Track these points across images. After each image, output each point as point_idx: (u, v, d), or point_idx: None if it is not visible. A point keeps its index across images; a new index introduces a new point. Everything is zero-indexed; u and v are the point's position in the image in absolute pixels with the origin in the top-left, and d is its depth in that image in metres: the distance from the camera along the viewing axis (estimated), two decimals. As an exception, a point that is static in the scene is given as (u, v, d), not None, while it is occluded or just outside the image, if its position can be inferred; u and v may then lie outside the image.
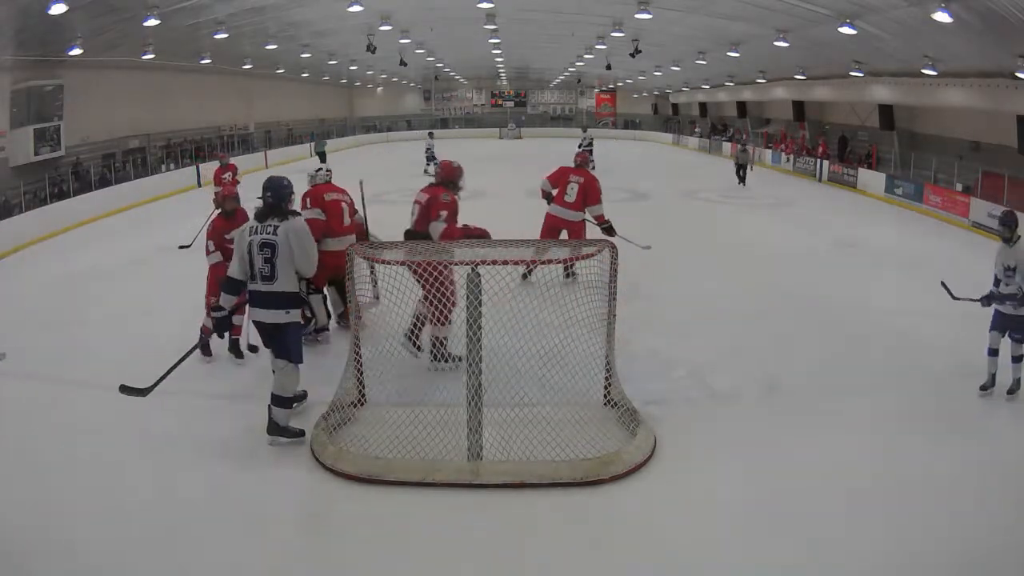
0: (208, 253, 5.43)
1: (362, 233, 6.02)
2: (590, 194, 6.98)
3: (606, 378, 4.38)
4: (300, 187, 5.00)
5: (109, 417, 4.48)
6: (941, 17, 9.92)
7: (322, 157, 20.37)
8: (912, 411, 4.56)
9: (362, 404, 4.37)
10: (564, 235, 7.00)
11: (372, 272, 4.91)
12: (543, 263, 4.56)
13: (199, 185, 17.82)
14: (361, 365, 4.36)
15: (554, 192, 7.14)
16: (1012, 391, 4.74)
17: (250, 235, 4.05)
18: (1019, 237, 4.86)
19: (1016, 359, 4.75)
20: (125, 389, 4.01)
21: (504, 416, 3.91)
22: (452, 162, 5.47)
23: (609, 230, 6.82)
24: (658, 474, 3.77)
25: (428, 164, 19.27)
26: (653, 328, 5.98)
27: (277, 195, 4.09)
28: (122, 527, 3.33)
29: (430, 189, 5.36)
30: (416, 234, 5.19)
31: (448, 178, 5.33)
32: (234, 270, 4.11)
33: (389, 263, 4.18)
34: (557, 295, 4.14)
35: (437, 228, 5.08)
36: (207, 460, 3.97)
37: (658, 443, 4.01)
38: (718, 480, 3.75)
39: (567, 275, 5.65)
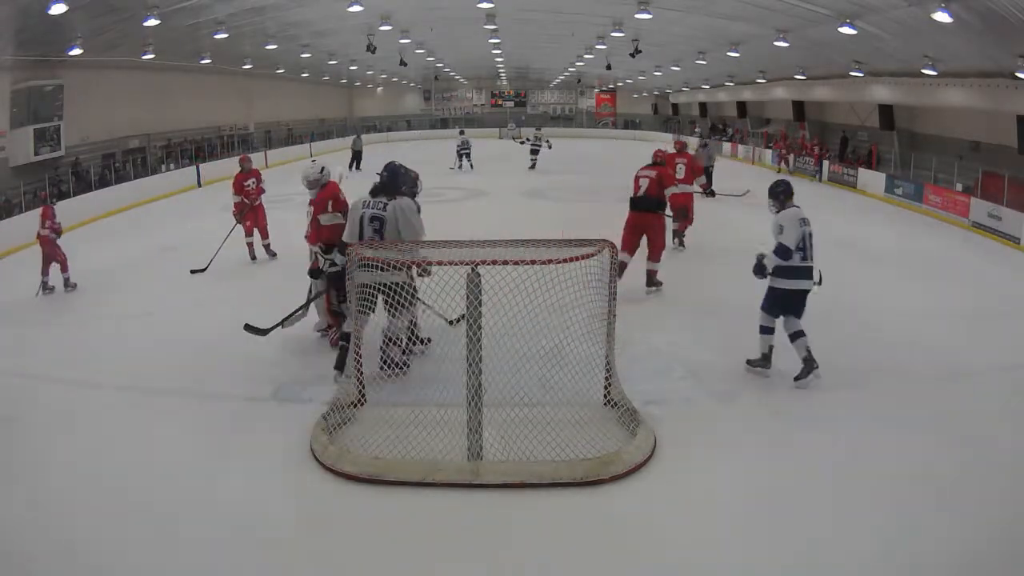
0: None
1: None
2: (665, 180, 7.05)
3: (606, 378, 4.38)
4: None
5: (109, 417, 4.48)
6: (941, 17, 9.92)
7: (358, 156, 20.11)
8: (911, 411, 4.56)
9: (362, 404, 4.37)
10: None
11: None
12: (544, 263, 4.56)
13: (199, 185, 17.83)
14: (361, 365, 4.37)
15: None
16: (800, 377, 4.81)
17: (362, 208, 4.85)
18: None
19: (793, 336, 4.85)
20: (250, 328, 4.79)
21: (504, 416, 3.92)
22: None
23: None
24: (658, 474, 3.77)
25: (460, 160, 19.50)
26: (653, 328, 5.98)
27: (392, 179, 4.87)
28: (122, 527, 3.33)
29: None
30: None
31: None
32: (346, 235, 4.88)
33: (388, 263, 4.18)
34: (557, 295, 4.14)
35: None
36: (207, 460, 3.97)
37: (658, 443, 4.01)
38: (718, 480, 3.75)
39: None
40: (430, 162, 19.88)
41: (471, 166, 19.15)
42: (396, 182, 4.94)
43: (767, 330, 5.06)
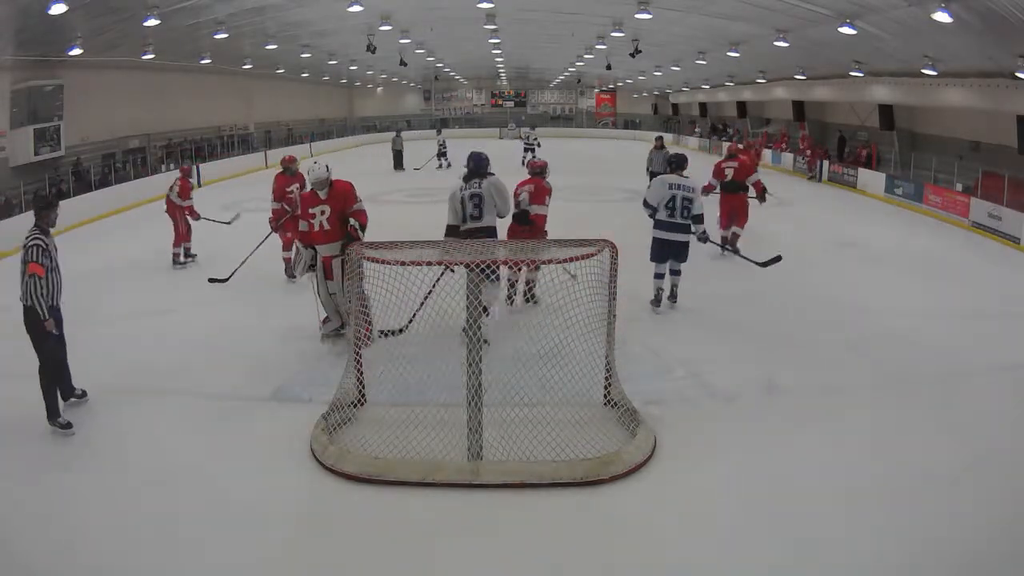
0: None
1: None
2: (745, 169, 8.67)
3: (606, 378, 4.38)
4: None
5: (109, 417, 4.49)
6: (941, 17, 9.92)
7: (399, 156, 20.09)
8: (911, 411, 4.57)
9: (362, 404, 4.38)
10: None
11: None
12: (543, 263, 4.56)
13: (199, 185, 17.82)
14: (361, 365, 4.37)
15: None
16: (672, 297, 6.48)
17: (460, 192, 5.65)
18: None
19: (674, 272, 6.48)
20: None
21: (504, 416, 3.92)
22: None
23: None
24: (658, 474, 3.78)
25: (441, 160, 19.94)
26: (653, 328, 5.98)
27: (478, 165, 5.73)
28: (122, 527, 3.33)
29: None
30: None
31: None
32: (449, 218, 5.66)
33: (389, 263, 4.18)
34: (557, 295, 4.14)
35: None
36: (207, 460, 3.97)
37: (658, 443, 4.01)
38: (718, 480, 3.75)
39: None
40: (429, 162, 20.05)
41: (448, 164, 19.75)
42: (482, 166, 5.76)
43: (657, 275, 6.48)
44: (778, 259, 6.49)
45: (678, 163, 6.54)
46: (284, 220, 7.67)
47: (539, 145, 20.62)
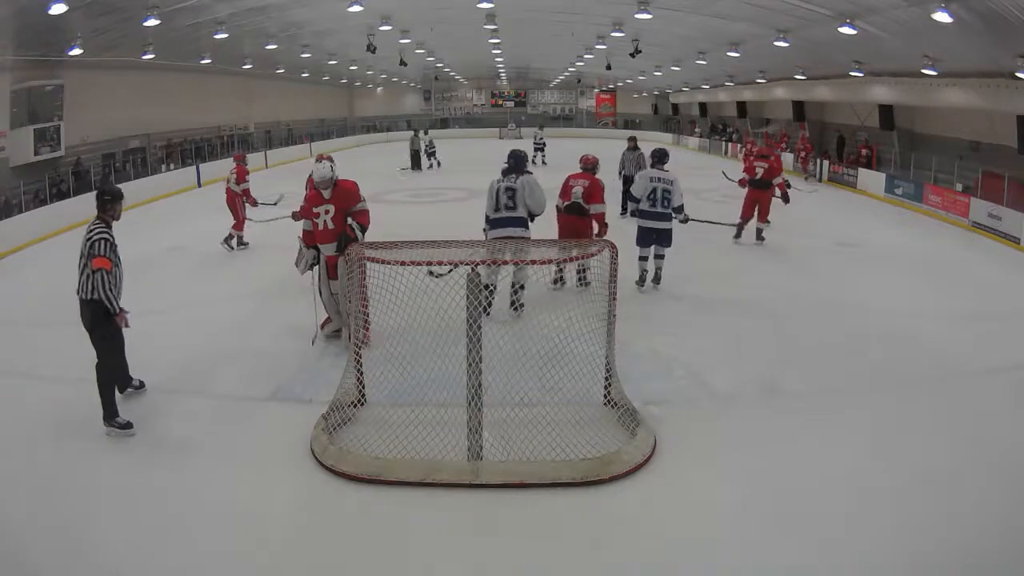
0: None
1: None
2: (773, 170, 9.53)
3: (606, 378, 4.37)
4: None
5: (109, 417, 4.47)
6: (941, 17, 9.92)
7: (416, 156, 19.89)
8: (911, 411, 4.56)
9: (362, 404, 4.38)
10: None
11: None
12: (544, 263, 4.56)
13: (199, 185, 17.83)
14: (361, 365, 4.37)
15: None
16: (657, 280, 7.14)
17: (497, 184, 6.21)
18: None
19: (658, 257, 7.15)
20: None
21: (504, 416, 3.92)
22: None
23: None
24: (658, 474, 3.77)
25: (430, 160, 20.03)
26: (653, 328, 5.98)
27: (517, 162, 6.30)
28: (122, 527, 3.33)
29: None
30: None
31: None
32: (487, 208, 6.26)
33: (389, 263, 4.18)
34: (557, 295, 4.14)
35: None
36: (207, 460, 3.97)
37: (658, 443, 4.01)
38: (718, 480, 3.74)
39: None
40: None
41: (431, 165, 19.93)
42: (521, 164, 6.33)
43: (641, 258, 7.13)
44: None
45: (659, 157, 7.26)
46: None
47: (545, 144, 21.08)
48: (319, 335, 5.71)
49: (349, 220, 5.44)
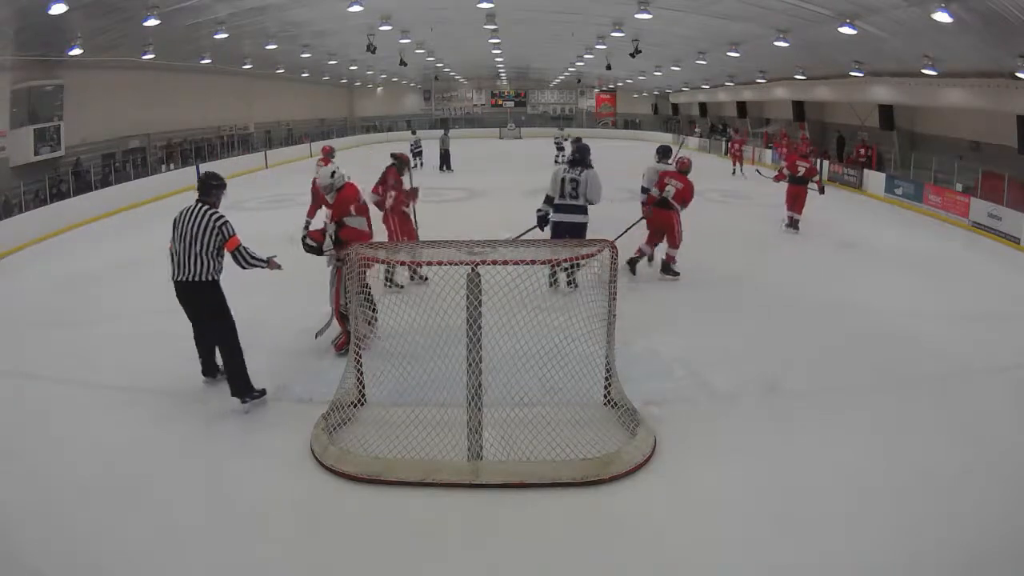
0: None
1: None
2: (810, 169, 10.75)
3: (606, 378, 4.37)
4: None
5: (110, 417, 4.48)
6: (941, 17, 9.92)
7: (447, 156, 19.50)
8: (912, 411, 4.56)
9: (362, 404, 4.37)
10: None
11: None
12: (544, 263, 4.56)
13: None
14: (361, 365, 4.37)
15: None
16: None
17: (563, 174, 6.87)
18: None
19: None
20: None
21: (504, 416, 3.92)
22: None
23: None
24: (658, 474, 3.77)
25: (416, 159, 19.74)
26: (653, 328, 5.98)
27: (583, 155, 6.92)
28: (122, 527, 3.33)
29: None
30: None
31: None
32: (550, 190, 6.93)
33: (388, 263, 4.18)
34: (557, 295, 4.14)
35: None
36: (207, 460, 3.97)
37: (658, 443, 4.01)
38: (718, 480, 3.74)
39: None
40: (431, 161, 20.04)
41: (420, 164, 19.59)
42: (586, 157, 6.93)
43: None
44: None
45: (663, 153, 8.38)
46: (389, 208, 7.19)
47: (567, 140, 20.67)
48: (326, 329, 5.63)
49: (330, 228, 5.33)
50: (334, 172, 5.56)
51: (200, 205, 4.60)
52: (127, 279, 8.19)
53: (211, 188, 4.67)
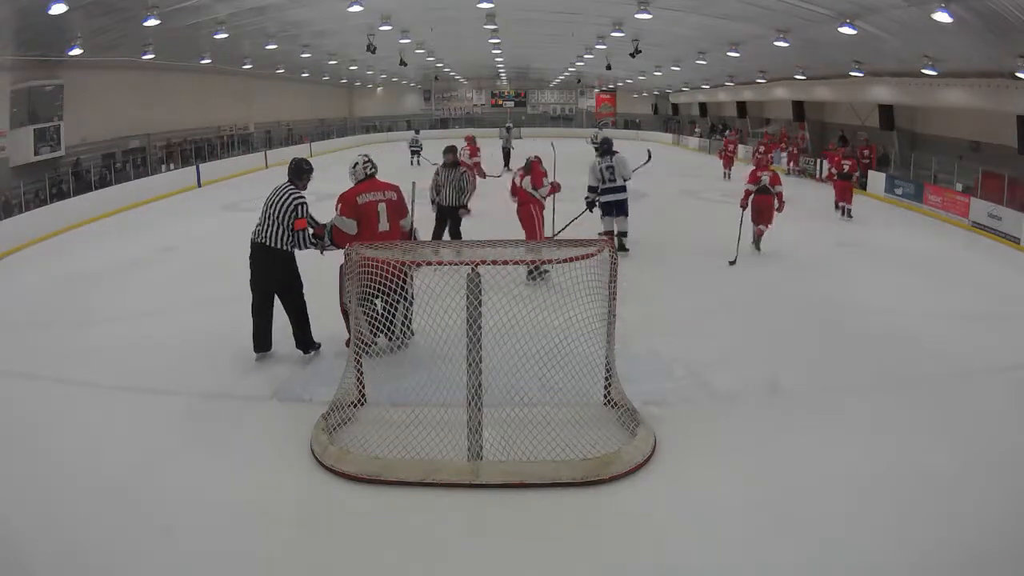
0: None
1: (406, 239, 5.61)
2: (854, 165, 12.82)
3: (606, 378, 4.37)
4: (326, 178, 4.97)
5: (110, 417, 4.48)
6: (941, 17, 9.92)
7: (507, 155, 19.11)
8: (912, 411, 4.56)
9: (362, 404, 4.37)
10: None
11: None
12: (544, 263, 4.56)
13: (199, 185, 17.84)
14: (361, 365, 4.37)
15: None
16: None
17: (599, 163, 8.49)
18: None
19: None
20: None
21: (504, 416, 3.92)
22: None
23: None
24: (658, 474, 3.77)
25: (414, 157, 20.12)
26: (653, 328, 5.98)
27: (609, 145, 8.57)
28: (121, 527, 3.32)
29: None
30: None
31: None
32: (590, 180, 8.58)
33: (389, 263, 4.18)
34: (557, 295, 4.14)
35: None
36: (207, 460, 3.97)
37: (658, 443, 4.01)
38: (718, 480, 3.74)
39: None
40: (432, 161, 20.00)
41: (419, 163, 19.82)
42: (610, 146, 8.61)
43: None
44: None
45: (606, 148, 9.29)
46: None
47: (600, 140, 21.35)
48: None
49: (328, 225, 5.29)
50: (356, 163, 5.32)
51: (288, 184, 5.14)
52: (127, 279, 8.19)
53: (301, 172, 5.22)
